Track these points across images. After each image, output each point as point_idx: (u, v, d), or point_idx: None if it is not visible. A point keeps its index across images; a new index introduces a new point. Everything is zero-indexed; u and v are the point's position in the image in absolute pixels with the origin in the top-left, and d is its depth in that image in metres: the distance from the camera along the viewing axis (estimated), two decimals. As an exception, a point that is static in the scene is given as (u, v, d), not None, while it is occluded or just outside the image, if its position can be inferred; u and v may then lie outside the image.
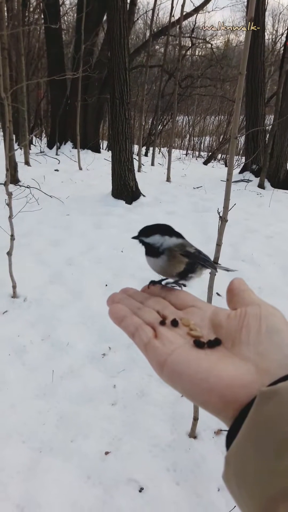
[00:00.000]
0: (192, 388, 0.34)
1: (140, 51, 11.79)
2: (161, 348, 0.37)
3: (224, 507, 1.63)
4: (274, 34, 19.03)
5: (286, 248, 4.48)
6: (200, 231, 4.88)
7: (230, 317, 0.38)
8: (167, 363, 0.35)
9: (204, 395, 0.33)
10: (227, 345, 0.36)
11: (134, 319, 0.41)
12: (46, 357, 2.48)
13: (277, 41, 17.49)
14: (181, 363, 0.35)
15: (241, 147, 12.32)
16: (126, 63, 5.43)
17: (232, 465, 0.30)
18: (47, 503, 1.60)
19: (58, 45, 10.21)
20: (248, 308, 0.38)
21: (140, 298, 0.45)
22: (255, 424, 0.29)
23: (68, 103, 10.64)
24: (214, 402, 0.33)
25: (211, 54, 13.76)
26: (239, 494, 0.29)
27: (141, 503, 1.63)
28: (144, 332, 0.39)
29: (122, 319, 0.41)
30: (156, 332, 0.39)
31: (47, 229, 4.55)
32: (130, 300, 0.44)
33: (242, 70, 1.70)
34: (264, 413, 0.28)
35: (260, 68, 8.14)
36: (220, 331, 0.38)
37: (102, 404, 2.14)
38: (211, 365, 0.34)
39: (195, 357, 0.35)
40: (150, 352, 0.37)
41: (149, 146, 13.71)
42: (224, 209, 1.78)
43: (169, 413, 2.10)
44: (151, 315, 0.41)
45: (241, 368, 0.33)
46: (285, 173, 7.97)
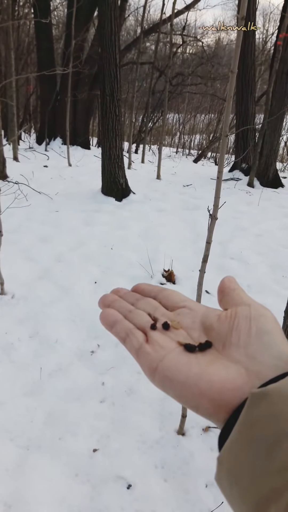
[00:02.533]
0: (183, 393, 0.34)
1: (131, 47, 11.76)
2: (152, 354, 0.37)
3: (212, 503, 1.64)
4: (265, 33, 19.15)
5: (275, 246, 4.52)
6: (189, 229, 4.89)
7: (220, 318, 0.38)
8: (158, 369, 0.35)
9: (195, 399, 0.33)
10: (218, 347, 0.36)
11: (125, 324, 0.40)
12: (34, 354, 2.46)
13: (268, 40, 17.60)
14: (172, 369, 0.35)
15: (231, 146, 12.38)
16: (117, 59, 5.40)
17: (224, 466, 0.30)
18: (35, 501, 1.59)
19: (48, 40, 10.12)
20: (238, 309, 0.38)
21: (131, 299, 0.44)
22: (246, 425, 0.29)
23: (58, 99, 10.56)
24: (205, 406, 0.33)
25: (202, 52, 13.78)
26: (231, 494, 0.29)
27: (129, 500, 1.64)
28: (135, 338, 0.39)
29: (113, 325, 0.41)
30: (148, 336, 0.39)
31: (35, 225, 4.52)
32: (121, 302, 0.44)
33: (234, 68, 1.70)
34: (255, 414, 0.28)
35: (250, 67, 8.18)
36: (211, 333, 0.38)
37: (91, 402, 2.14)
38: (202, 369, 0.34)
39: (185, 362, 0.35)
40: (141, 358, 0.37)
41: (139, 144, 13.69)
42: (214, 207, 1.79)
43: (158, 410, 2.11)
44: (142, 318, 0.41)
45: (232, 371, 0.33)
46: (274, 172, 8.02)
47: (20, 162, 7.96)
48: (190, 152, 16.24)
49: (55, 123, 10.48)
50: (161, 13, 9.13)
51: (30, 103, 13.66)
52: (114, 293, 0.45)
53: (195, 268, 3.36)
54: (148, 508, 1.61)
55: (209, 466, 1.81)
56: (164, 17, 9.50)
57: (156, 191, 6.67)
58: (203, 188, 7.12)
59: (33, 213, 4.88)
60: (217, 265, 3.77)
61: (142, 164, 9.76)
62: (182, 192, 6.84)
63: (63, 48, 10.33)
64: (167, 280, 3.49)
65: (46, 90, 10.59)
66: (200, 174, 9.07)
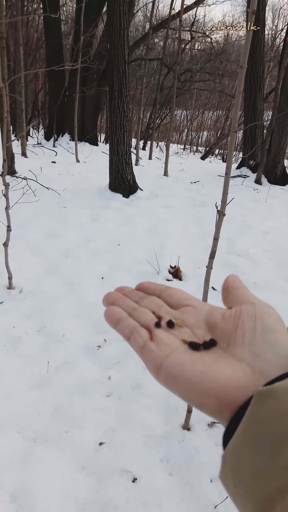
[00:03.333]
0: (188, 391, 0.34)
1: (139, 44, 11.71)
2: (156, 352, 0.37)
3: (217, 497, 1.65)
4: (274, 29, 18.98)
5: (282, 243, 4.50)
6: (196, 225, 4.89)
7: (225, 316, 0.38)
8: (163, 366, 0.35)
9: (200, 398, 0.33)
10: (223, 345, 0.36)
11: (129, 321, 0.40)
12: (42, 348, 2.48)
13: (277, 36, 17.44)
14: (177, 367, 0.35)
15: (238, 143, 12.32)
16: (125, 55, 5.39)
17: (229, 464, 0.30)
18: (41, 493, 1.61)
19: (57, 36, 10.11)
20: (243, 307, 0.38)
21: (136, 297, 0.44)
22: (251, 423, 0.29)
23: (66, 95, 10.56)
24: (210, 405, 0.33)
25: (211, 49, 13.69)
26: (235, 493, 0.29)
27: (134, 493, 1.65)
28: (140, 335, 0.39)
29: (117, 322, 0.41)
30: (152, 334, 0.39)
31: (43, 221, 4.54)
32: (125, 300, 0.44)
33: (243, 64, 1.70)
34: (260, 412, 0.29)
35: (259, 63, 8.13)
36: (215, 331, 0.38)
37: (97, 396, 2.15)
38: (206, 367, 0.34)
39: (190, 360, 0.35)
40: (146, 355, 0.37)
41: (147, 140, 13.67)
42: (222, 203, 1.79)
43: (163, 405, 2.12)
44: (146, 316, 0.41)
45: (237, 369, 0.33)
46: (282, 169, 7.98)
47: (29, 158, 7.99)
48: (198, 149, 16.19)
49: (63, 119, 10.48)
50: (170, 8, 9.09)
51: (39, 99, 13.67)
52: (118, 291, 0.45)
53: (202, 264, 3.36)
54: (153, 501, 1.63)
55: (214, 461, 1.82)
56: (173, 13, 9.45)
57: (164, 187, 6.66)
58: (211, 184, 7.10)
59: (41, 209, 4.91)
60: (223, 261, 3.77)
61: (150, 160, 9.75)
62: (190, 188, 6.83)
63: (72, 44, 10.31)
64: (173, 277, 3.49)
65: (55, 86, 10.59)
66: (207, 171, 9.04)
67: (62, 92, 10.51)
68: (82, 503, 1.60)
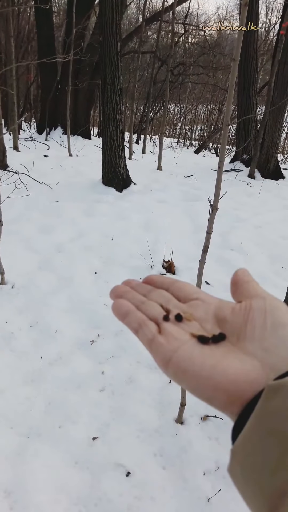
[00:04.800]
0: (197, 385, 0.33)
1: (132, 36, 11.62)
2: (165, 345, 0.36)
3: (210, 490, 1.66)
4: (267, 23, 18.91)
5: (275, 237, 4.52)
6: (190, 220, 4.89)
7: (234, 311, 0.38)
8: (172, 360, 0.35)
9: (210, 391, 0.33)
10: (232, 340, 0.36)
11: (137, 314, 0.40)
12: (35, 343, 2.47)
13: (270, 30, 17.39)
14: (186, 360, 0.34)
15: (232, 137, 12.31)
16: (118, 47, 5.34)
17: (238, 458, 0.30)
18: (35, 488, 1.61)
19: (48, 28, 10.00)
20: (253, 301, 0.37)
21: (143, 290, 0.44)
22: (262, 417, 0.29)
23: (58, 88, 10.47)
24: (219, 399, 0.32)
25: (204, 42, 13.63)
26: (245, 487, 0.29)
27: (128, 487, 1.66)
28: (148, 329, 0.38)
29: (125, 315, 0.40)
30: (160, 327, 0.38)
31: (36, 215, 4.51)
32: (133, 293, 0.43)
33: (236, 57, 1.68)
34: (271, 406, 0.28)
35: (252, 56, 8.10)
36: (224, 326, 0.37)
37: (90, 390, 2.15)
38: (216, 361, 0.33)
39: (199, 353, 0.35)
40: (155, 348, 0.37)
41: (140, 134, 13.61)
42: (215, 197, 1.78)
43: (157, 399, 2.12)
44: (154, 309, 0.40)
45: (247, 364, 0.33)
46: (275, 164, 7.99)
47: (21, 151, 7.92)
48: (191, 143, 16.16)
49: (55, 112, 10.40)
50: (163, 1, 9.01)
51: (31, 92, 13.52)
52: (126, 284, 0.45)
53: (195, 259, 3.37)
54: (146, 495, 1.63)
55: (207, 455, 1.83)
56: (166, 5, 9.38)
57: (157, 182, 6.64)
58: (204, 179, 7.09)
59: (33, 203, 4.87)
60: (217, 256, 3.77)
61: (143, 154, 9.71)
62: (183, 183, 6.82)
63: (64, 36, 10.21)
64: (167, 271, 3.49)
65: (47, 79, 10.48)
66: (201, 165, 9.03)
67: (54, 85, 10.41)
68: (76, 498, 1.60)
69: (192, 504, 1.62)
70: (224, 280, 3.38)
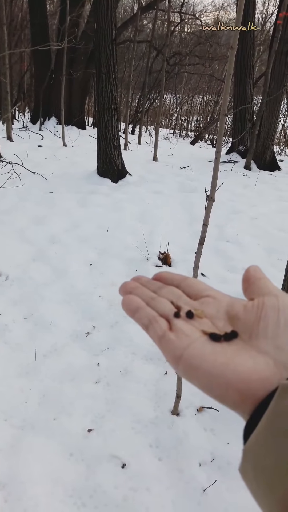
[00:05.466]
0: (209, 383, 0.33)
1: (127, 25, 11.47)
2: (176, 342, 0.36)
3: (205, 481, 1.66)
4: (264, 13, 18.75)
5: (270, 229, 4.51)
6: (186, 211, 4.86)
7: (247, 308, 0.37)
8: (183, 357, 0.35)
9: (221, 389, 0.32)
10: (244, 337, 0.35)
11: (148, 310, 0.39)
12: (29, 335, 2.46)
13: (267, 20, 17.24)
14: (197, 357, 0.34)
15: (228, 128, 12.24)
16: (113, 36, 5.26)
17: (250, 458, 0.29)
18: (30, 480, 1.60)
19: (42, 15, 9.84)
20: (265, 299, 0.37)
21: (153, 287, 0.43)
22: (275, 416, 0.28)
23: (52, 77, 10.34)
24: (231, 397, 0.32)
25: (200, 31, 13.48)
26: (256, 487, 0.29)
27: (123, 479, 1.65)
28: (158, 325, 0.38)
29: (135, 311, 0.39)
30: (171, 324, 0.38)
31: (30, 206, 4.46)
32: (143, 289, 0.42)
33: (234, 44, 1.65)
34: (284, 406, 0.28)
35: (249, 46, 8.02)
36: (236, 323, 0.37)
37: (86, 382, 2.14)
38: (228, 359, 0.33)
39: (211, 351, 0.34)
40: (165, 345, 0.36)
41: (135, 124, 13.51)
42: (211, 189, 1.76)
43: (153, 391, 2.12)
44: (165, 306, 0.40)
45: (259, 362, 0.32)
46: (271, 155, 7.96)
47: (14, 141, 7.83)
48: (187, 134, 16.06)
49: (50, 102, 10.28)
50: (159, -11, 8.89)
51: (24, 81, 13.35)
52: (135, 281, 0.44)
53: (191, 250, 3.35)
54: (142, 486, 1.63)
55: (203, 446, 1.83)
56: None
57: (153, 172, 6.60)
58: (200, 170, 7.06)
59: (27, 194, 4.82)
60: (213, 247, 3.76)
61: (139, 145, 9.64)
62: (179, 174, 6.78)
63: (58, 24, 10.06)
64: (163, 263, 3.47)
65: (41, 68, 10.34)
66: (197, 156, 8.98)
67: (48, 74, 10.27)
68: (71, 490, 1.60)
69: (187, 495, 1.62)
70: (220, 272, 3.37)
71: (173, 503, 1.59)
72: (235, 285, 3.08)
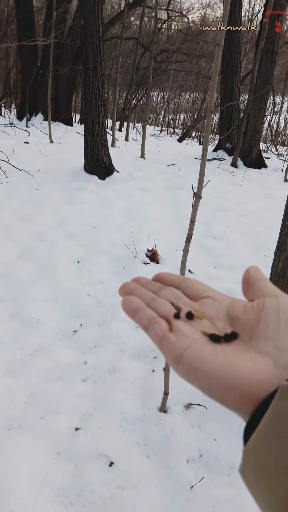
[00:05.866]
0: (209, 384, 0.33)
1: (114, 22, 11.41)
2: (176, 343, 0.36)
3: (193, 478, 1.66)
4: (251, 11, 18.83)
5: (257, 226, 4.54)
6: (173, 208, 4.87)
7: (247, 309, 0.37)
8: (183, 358, 0.34)
9: (222, 390, 0.32)
10: (245, 338, 0.35)
11: (148, 311, 0.39)
12: (15, 334, 2.43)
13: (253, 18, 17.32)
14: (198, 358, 0.34)
15: (215, 126, 12.28)
16: (100, 32, 5.23)
17: (250, 458, 0.29)
18: (16, 480, 1.59)
19: (28, 11, 9.71)
20: (266, 300, 0.37)
21: (153, 288, 0.43)
22: (275, 417, 0.28)
23: (39, 73, 10.23)
24: (232, 398, 0.32)
25: (187, 29, 13.48)
26: (256, 487, 0.29)
27: (111, 477, 1.65)
28: (159, 326, 0.37)
29: (135, 312, 0.39)
30: (171, 325, 0.38)
31: (16, 203, 4.41)
32: (143, 290, 0.42)
33: (220, 41, 1.65)
34: (285, 406, 0.28)
35: (236, 44, 8.05)
36: (236, 324, 0.37)
37: (73, 381, 2.13)
38: (229, 360, 0.33)
39: (211, 352, 0.34)
40: (165, 346, 0.36)
41: (123, 121, 13.46)
42: (198, 186, 1.76)
43: (140, 388, 2.11)
44: (165, 307, 0.40)
45: (260, 363, 0.32)
46: (257, 153, 8.00)
47: (0, 138, 7.74)
48: (175, 131, 16.07)
49: (36, 98, 10.17)
50: (146, -15, 8.86)
51: (11, 77, 13.19)
52: (135, 282, 0.44)
53: (179, 247, 3.35)
54: (130, 484, 1.63)
55: (191, 443, 1.83)
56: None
57: (140, 170, 6.59)
58: (187, 167, 7.07)
59: (13, 191, 4.77)
60: (200, 244, 3.77)
61: (126, 142, 9.61)
62: (166, 171, 6.78)
63: (44, 20, 9.95)
64: (150, 260, 3.47)
65: (27, 63, 10.22)
66: (184, 154, 8.99)
67: (35, 70, 10.16)
68: (58, 489, 1.59)
69: (175, 492, 1.62)
70: (207, 269, 3.38)
71: (161, 500, 1.59)
72: (222, 281, 3.09)
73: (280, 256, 2.25)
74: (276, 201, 5.37)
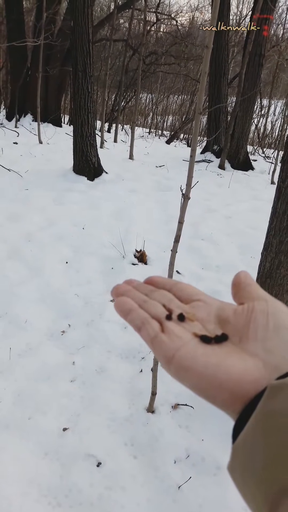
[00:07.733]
0: (200, 384, 0.34)
1: (104, 23, 11.41)
2: (168, 343, 0.36)
3: (180, 478, 1.67)
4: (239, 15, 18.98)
5: (244, 227, 4.58)
6: (161, 209, 4.88)
7: (237, 312, 0.38)
8: (174, 358, 0.35)
9: (213, 390, 0.33)
10: (234, 340, 0.36)
11: (140, 312, 0.40)
12: (3, 334, 2.42)
13: (241, 22, 17.46)
14: (189, 359, 0.35)
15: (203, 128, 12.35)
16: (89, 34, 5.23)
17: (238, 456, 0.30)
18: (4, 480, 1.58)
19: (18, 12, 9.66)
20: (255, 304, 0.38)
21: (145, 290, 0.44)
22: (264, 416, 0.29)
23: (28, 74, 10.18)
24: (222, 397, 0.33)
25: (176, 32, 13.54)
26: (244, 485, 0.29)
27: (98, 478, 1.65)
28: (151, 326, 0.38)
29: (128, 313, 0.40)
30: (163, 326, 0.39)
31: (4, 203, 4.39)
32: (135, 292, 0.43)
33: (209, 44, 1.67)
34: (273, 405, 0.29)
35: (224, 47, 8.11)
36: (226, 327, 0.38)
37: (61, 381, 2.12)
38: (219, 361, 0.34)
39: (202, 352, 0.35)
40: (157, 346, 0.37)
41: (112, 122, 13.45)
42: (187, 187, 1.77)
43: (128, 389, 2.12)
44: (157, 308, 0.41)
45: (250, 364, 0.33)
46: (245, 155, 8.07)
47: (-12, 138, 7.68)
48: (163, 133, 16.11)
49: (25, 99, 10.11)
50: (135, -13, 8.88)
51: (0, 78, 13.10)
52: (127, 284, 0.44)
53: (167, 248, 3.36)
54: (117, 485, 1.63)
55: (178, 443, 1.84)
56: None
57: (129, 171, 6.60)
58: (176, 169, 7.10)
59: (2, 191, 4.74)
60: (188, 245, 3.79)
61: (115, 143, 9.61)
62: (155, 172, 6.80)
63: (34, 21, 9.90)
64: (139, 261, 3.48)
65: (16, 64, 10.16)
66: (172, 155, 9.02)
67: (25, 71, 10.11)
68: (46, 489, 1.58)
69: (163, 492, 1.63)
70: (195, 270, 3.40)
71: (148, 500, 1.59)
72: (210, 282, 3.11)
73: (267, 257, 2.27)
74: (263, 203, 5.42)
